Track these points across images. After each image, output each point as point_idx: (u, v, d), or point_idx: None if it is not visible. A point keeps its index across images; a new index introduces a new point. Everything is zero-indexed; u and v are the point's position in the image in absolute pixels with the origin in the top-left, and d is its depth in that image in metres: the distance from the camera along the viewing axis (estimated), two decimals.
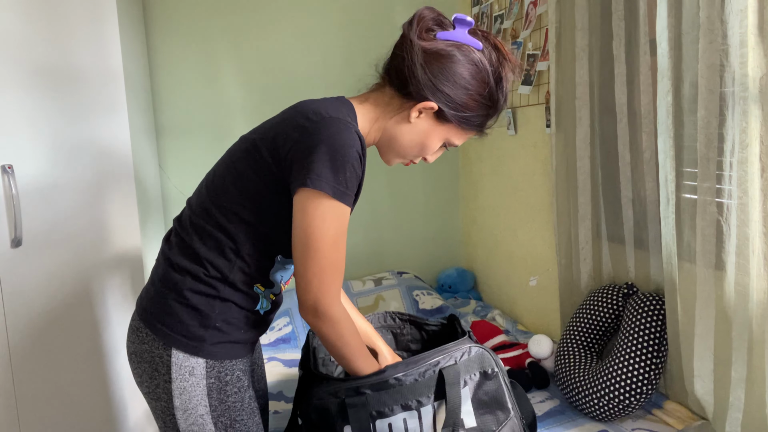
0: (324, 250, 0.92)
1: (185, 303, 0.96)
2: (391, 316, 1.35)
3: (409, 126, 1.02)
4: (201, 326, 0.96)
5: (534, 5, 2.01)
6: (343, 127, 0.92)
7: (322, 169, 0.89)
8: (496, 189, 2.44)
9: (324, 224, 0.91)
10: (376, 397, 0.98)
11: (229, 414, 0.98)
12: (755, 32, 1.13)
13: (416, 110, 1.00)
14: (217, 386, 0.97)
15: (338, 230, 0.93)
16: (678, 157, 1.39)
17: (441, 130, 1.02)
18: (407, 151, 1.05)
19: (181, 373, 0.95)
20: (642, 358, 1.47)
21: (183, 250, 0.99)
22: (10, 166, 1.62)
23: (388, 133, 1.04)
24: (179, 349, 0.95)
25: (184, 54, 2.32)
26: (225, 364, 0.98)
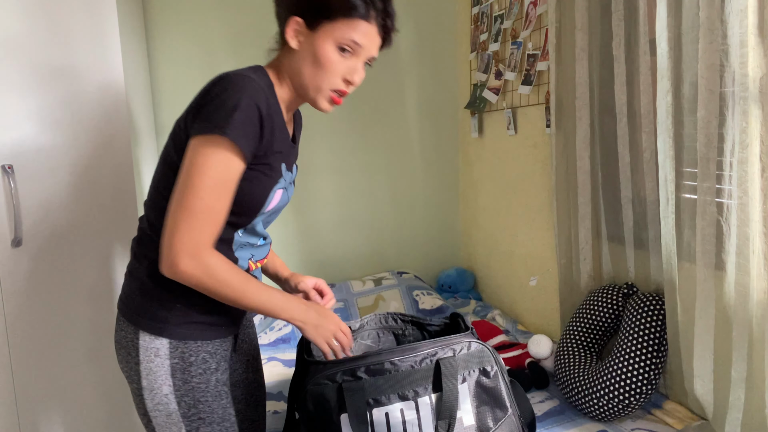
0: (201, 191, 0.90)
1: (147, 288, 1.01)
2: (392, 317, 1.35)
3: (297, 52, 1.02)
4: (163, 308, 1.00)
5: (534, 5, 2.01)
6: (236, 78, 0.93)
7: (211, 114, 0.90)
8: (496, 189, 2.44)
9: (206, 165, 0.90)
10: (372, 382, 0.98)
11: (193, 394, 1.01)
12: (755, 32, 1.13)
13: (290, 35, 1.01)
14: (181, 366, 1.00)
15: (221, 175, 0.91)
16: (678, 157, 1.39)
17: (322, 36, 1.00)
18: (313, 78, 1.02)
19: (147, 355, 0.99)
20: (642, 358, 1.47)
21: (141, 238, 1.05)
22: (10, 166, 1.62)
23: (290, 73, 1.04)
24: (145, 331, 1.00)
25: (184, 54, 2.32)
26: (189, 344, 1.01)
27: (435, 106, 2.68)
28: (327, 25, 0.99)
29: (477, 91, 2.46)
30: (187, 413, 1.01)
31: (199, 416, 1.01)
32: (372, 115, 2.58)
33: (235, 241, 1.04)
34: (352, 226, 2.62)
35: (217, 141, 0.90)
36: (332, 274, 2.62)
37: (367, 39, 1.02)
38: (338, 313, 2.27)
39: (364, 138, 2.59)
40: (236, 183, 0.94)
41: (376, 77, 2.55)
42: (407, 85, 2.61)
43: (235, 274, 0.96)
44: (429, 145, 2.70)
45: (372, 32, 1.02)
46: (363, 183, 2.61)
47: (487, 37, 2.36)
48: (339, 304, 2.31)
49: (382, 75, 2.56)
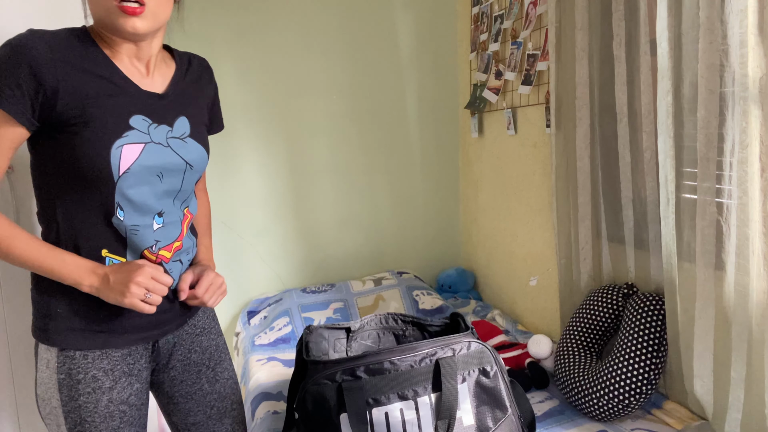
0: None
1: (36, 295, 0.99)
2: (393, 317, 1.35)
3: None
4: (44, 315, 0.97)
5: (534, 5, 2.01)
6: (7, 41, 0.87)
7: None
8: (496, 189, 2.44)
9: None
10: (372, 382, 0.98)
11: (79, 413, 0.97)
12: (755, 32, 1.13)
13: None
14: (68, 383, 0.96)
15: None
16: (678, 157, 1.39)
17: None
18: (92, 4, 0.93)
19: (41, 364, 0.98)
20: (642, 358, 1.47)
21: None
22: (11, 166, 1.62)
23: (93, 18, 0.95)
24: (38, 339, 0.99)
25: None
26: (77, 360, 0.95)
27: (435, 106, 2.68)
28: None
29: (477, 91, 2.46)
30: (72, 429, 0.98)
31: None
32: (372, 115, 2.58)
33: (119, 227, 0.94)
34: (352, 226, 2.62)
35: None
36: (332, 274, 2.62)
37: None
38: (338, 313, 2.27)
39: (364, 138, 2.59)
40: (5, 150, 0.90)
41: (376, 77, 2.55)
42: (407, 85, 2.62)
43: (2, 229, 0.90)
44: (429, 145, 2.70)
45: None
46: (363, 183, 2.61)
47: (487, 37, 2.36)
48: (339, 304, 2.31)
49: (382, 75, 2.56)
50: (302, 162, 2.50)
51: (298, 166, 2.50)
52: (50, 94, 0.87)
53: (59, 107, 0.88)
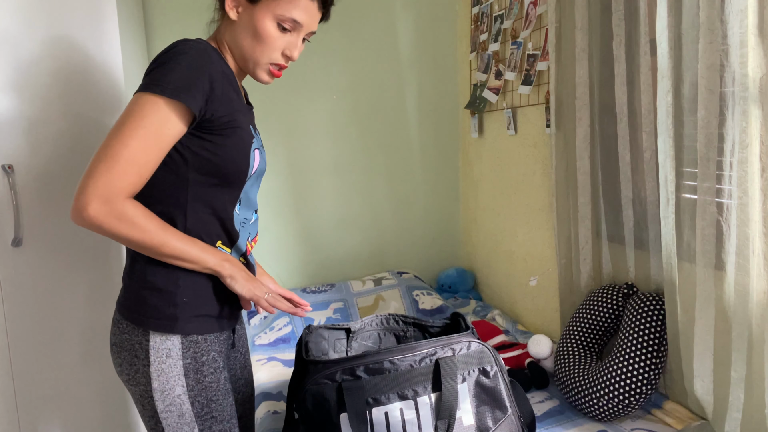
0: (128, 139, 0.88)
1: (150, 286, 0.99)
2: (394, 318, 1.35)
3: (237, 24, 1.02)
4: (170, 304, 0.99)
5: (534, 5, 2.01)
6: (181, 42, 0.93)
7: (152, 72, 0.90)
8: (496, 189, 2.44)
9: (139, 116, 0.88)
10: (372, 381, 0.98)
11: (206, 394, 1.01)
12: (755, 32, 1.13)
13: (229, 5, 1.01)
14: (194, 366, 1.00)
15: (154, 128, 0.89)
16: (678, 157, 1.39)
17: (262, 9, 1.00)
18: (252, 51, 1.02)
19: (158, 356, 0.98)
20: (642, 358, 1.47)
21: None
22: (10, 166, 1.62)
23: (231, 45, 1.04)
24: (156, 331, 0.99)
25: None
26: (200, 344, 1.01)
27: (435, 106, 2.68)
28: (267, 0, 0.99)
29: (477, 91, 2.46)
30: (200, 413, 1.01)
31: (211, 415, 1.02)
32: (372, 115, 2.58)
33: (235, 220, 1.04)
34: (352, 226, 2.62)
35: (154, 98, 0.89)
36: (332, 274, 2.62)
37: (307, 16, 1.01)
38: (338, 313, 2.27)
39: (364, 138, 2.59)
40: (169, 143, 0.92)
41: (376, 77, 2.55)
42: (407, 85, 2.61)
43: (152, 220, 0.93)
44: (429, 145, 2.70)
45: (312, 8, 1.02)
46: (363, 183, 2.61)
47: (487, 37, 2.36)
48: (339, 304, 2.31)
49: (382, 75, 2.56)
50: (302, 162, 2.50)
51: (297, 166, 2.50)
52: (214, 101, 0.94)
53: (216, 113, 0.95)
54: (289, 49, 1.04)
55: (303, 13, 1.01)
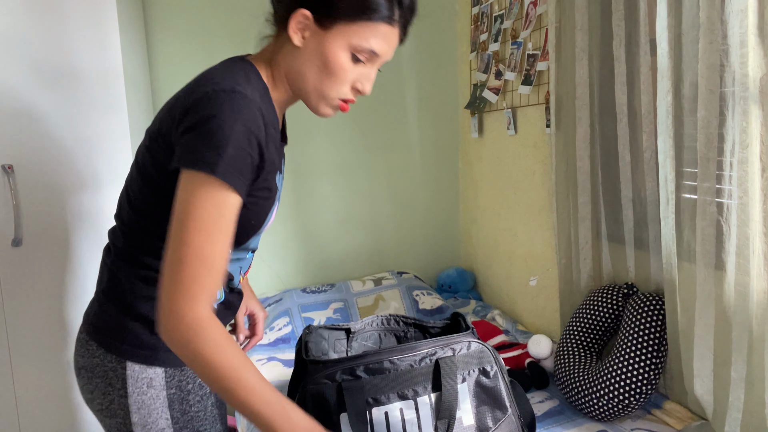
0: (194, 238, 0.75)
1: (132, 312, 0.89)
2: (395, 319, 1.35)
3: (301, 52, 0.86)
4: (152, 333, 0.88)
5: (534, 5, 2.01)
6: (228, 99, 0.78)
7: (201, 145, 0.76)
8: (496, 189, 2.44)
9: (200, 209, 0.76)
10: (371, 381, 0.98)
11: (192, 425, 0.92)
12: (755, 32, 1.13)
13: (293, 29, 0.84)
14: (179, 396, 0.90)
15: (216, 218, 0.76)
16: (678, 157, 1.39)
17: (335, 37, 0.83)
18: (318, 84, 0.87)
19: (138, 386, 0.88)
20: (642, 358, 1.47)
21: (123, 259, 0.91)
22: (10, 166, 1.62)
23: (290, 74, 0.89)
24: (134, 360, 0.88)
25: (184, 54, 2.32)
26: (185, 371, 0.92)
27: (435, 106, 2.68)
28: (342, 26, 0.83)
29: (477, 91, 2.46)
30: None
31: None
32: (372, 115, 2.58)
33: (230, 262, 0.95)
34: (352, 226, 2.62)
35: (209, 180, 0.76)
36: (332, 274, 2.62)
37: (387, 45, 0.87)
38: (338, 313, 2.27)
39: (364, 138, 2.59)
40: (234, 220, 0.81)
41: (376, 77, 2.54)
42: (407, 85, 2.61)
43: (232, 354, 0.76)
44: (429, 145, 2.70)
45: (393, 35, 0.87)
46: (363, 183, 2.61)
47: (487, 37, 2.36)
48: (339, 304, 2.31)
49: (383, 75, 2.56)
50: (302, 162, 2.50)
51: (297, 166, 2.50)
52: (260, 169, 0.84)
53: (259, 179, 0.86)
54: (362, 83, 0.89)
55: (382, 42, 0.85)
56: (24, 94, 1.62)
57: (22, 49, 1.61)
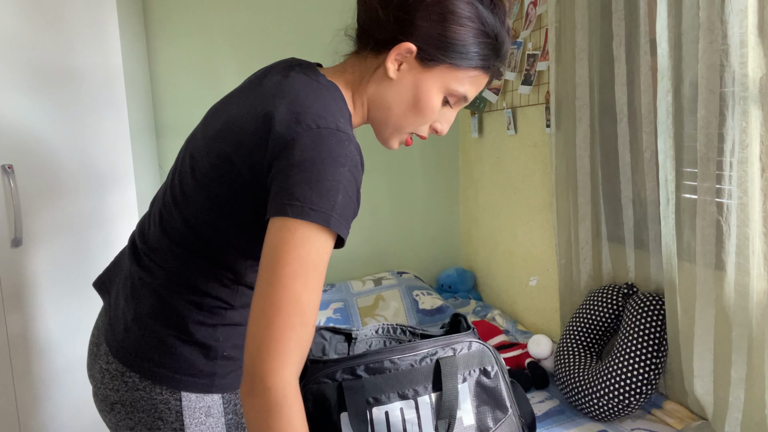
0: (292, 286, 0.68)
1: (188, 339, 0.81)
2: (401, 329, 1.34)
3: (393, 84, 0.81)
4: (208, 359, 0.82)
5: (534, 5, 2.01)
6: (334, 139, 0.72)
7: (308, 191, 0.69)
8: (496, 189, 2.44)
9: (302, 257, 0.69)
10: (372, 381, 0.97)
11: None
12: (755, 32, 1.13)
13: (392, 60, 0.79)
14: (236, 421, 0.86)
15: (317, 268, 0.70)
16: (678, 157, 1.39)
17: (433, 78, 0.80)
18: (402, 119, 0.83)
19: (195, 417, 0.82)
20: (642, 358, 1.47)
21: (176, 282, 0.82)
22: (10, 166, 1.62)
23: (374, 103, 0.84)
24: (190, 390, 0.81)
25: (184, 54, 2.32)
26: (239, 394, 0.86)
27: None
28: (444, 68, 0.79)
29: None
30: None
31: None
32: None
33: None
34: (352, 225, 2.62)
35: (316, 229, 0.69)
36: (332, 274, 2.62)
37: (477, 90, 0.84)
38: (338, 313, 2.27)
39: (364, 138, 2.59)
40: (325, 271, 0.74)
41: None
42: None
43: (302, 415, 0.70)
44: (429, 145, 2.70)
45: (483, 82, 0.84)
46: (363, 183, 2.61)
47: None
48: (339, 304, 2.31)
49: None
50: None
51: None
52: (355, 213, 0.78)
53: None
54: (442, 124, 0.86)
55: (475, 88, 0.83)
56: (24, 94, 1.62)
57: (22, 50, 1.61)
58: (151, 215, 0.88)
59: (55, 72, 1.65)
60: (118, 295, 0.87)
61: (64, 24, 1.64)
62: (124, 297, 0.85)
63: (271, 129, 0.73)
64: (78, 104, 1.68)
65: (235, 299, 0.85)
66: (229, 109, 0.83)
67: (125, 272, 0.88)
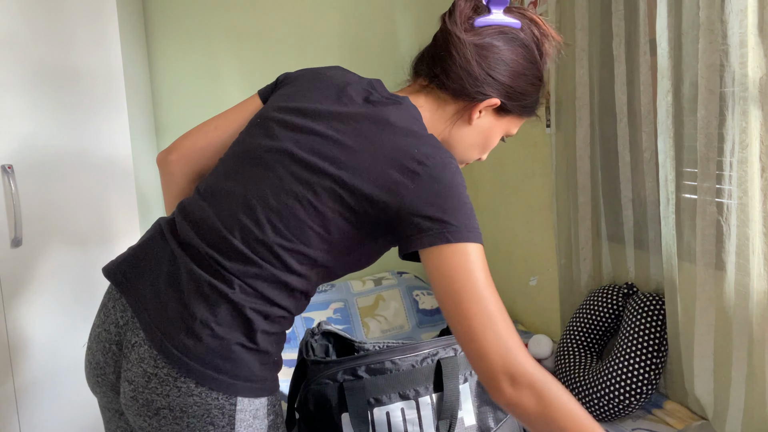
0: (484, 294, 0.77)
1: (253, 347, 0.82)
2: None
3: (470, 128, 0.93)
4: (263, 364, 0.84)
5: (534, 5, 2.01)
6: (454, 163, 0.83)
7: (463, 217, 0.78)
8: (496, 189, 2.44)
9: (476, 271, 0.78)
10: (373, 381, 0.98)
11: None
12: (755, 32, 1.14)
13: (476, 110, 0.91)
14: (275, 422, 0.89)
15: (488, 273, 0.81)
16: (678, 157, 1.39)
17: (502, 124, 0.94)
18: (468, 155, 0.97)
19: (245, 420, 0.83)
20: (642, 358, 1.47)
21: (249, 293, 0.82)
22: (10, 166, 1.62)
23: (446, 142, 0.94)
24: (245, 395, 0.82)
25: (184, 54, 2.32)
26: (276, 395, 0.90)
27: None
28: (512, 118, 0.94)
29: None
30: None
31: None
32: None
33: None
34: None
35: (478, 248, 0.79)
36: None
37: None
38: (338, 313, 2.27)
39: None
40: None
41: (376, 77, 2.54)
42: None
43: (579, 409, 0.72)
44: None
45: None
46: None
47: None
48: (339, 304, 2.31)
49: (382, 75, 2.55)
50: None
51: None
52: None
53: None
54: (485, 155, 1.00)
55: (518, 129, 0.99)
56: (24, 94, 1.62)
57: (22, 49, 1.61)
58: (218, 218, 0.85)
59: (55, 72, 1.65)
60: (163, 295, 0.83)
61: (64, 24, 1.64)
62: (177, 299, 0.82)
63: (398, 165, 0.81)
64: (78, 104, 1.68)
65: (298, 308, 0.88)
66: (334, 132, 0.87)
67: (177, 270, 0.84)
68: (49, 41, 1.63)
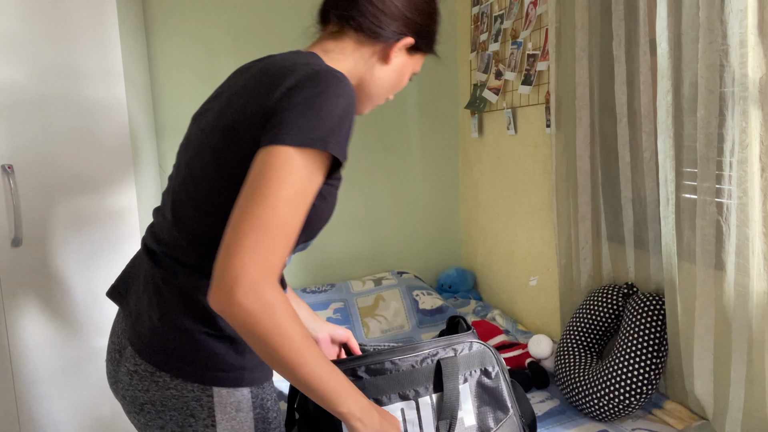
0: (278, 202, 0.70)
1: (218, 334, 0.82)
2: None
3: (387, 68, 0.95)
4: (237, 353, 0.83)
5: (534, 5, 2.01)
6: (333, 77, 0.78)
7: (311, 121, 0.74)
8: (496, 189, 2.44)
9: (290, 176, 0.72)
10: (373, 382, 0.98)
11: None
12: (755, 32, 1.14)
13: (395, 50, 0.93)
14: (262, 415, 0.87)
15: (305, 188, 0.73)
16: (678, 157, 1.39)
17: (412, 62, 0.98)
18: (383, 93, 0.98)
19: (227, 412, 0.83)
20: (642, 358, 1.47)
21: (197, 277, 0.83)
22: (10, 166, 1.62)
23: (366, 82, 0.95)
24: (221, 385, 0.82)
25: (184, 54, 2.32)
26: (265, 388, 0.89)
27: (435, 106, 2.68)
28: (419, 55, 0.98)
29: (477, 91, 2.46)
30: None
31: None
32: (372, 115, 2.58)
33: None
34: (352, 226, 2.62)
35: (314, 154, 0.74)
36: (332, 274, 2.62)
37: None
38: (338, 313, 2.27)
39: (365, 137, 2.59)
40: (312, 201, 0.78)
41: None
42: (407, 85, 2.61)
43: (299, 327, 0.72)
44: (429, 145, 2.70)
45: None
46: (363, 183, 2.61)
47: (487, 37, 2.36)
48: (339, 304, 2.31)
49: None
50: None
51: None
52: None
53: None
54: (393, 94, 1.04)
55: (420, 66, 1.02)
56: (24, 94, 1.62)
57: (22, 49, 1.61)
58: (163, 217, 0.90)
59: (55, 72, 1.65)
60: (139, 300, 0.88)
61: (64, 24, 1.64)
62: (147, 299, 0.86)
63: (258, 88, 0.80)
64: (78, 104, 1.68)
65: None
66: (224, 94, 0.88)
67: (144, 276, 0.88)
68: (49, 41, 1.63)
